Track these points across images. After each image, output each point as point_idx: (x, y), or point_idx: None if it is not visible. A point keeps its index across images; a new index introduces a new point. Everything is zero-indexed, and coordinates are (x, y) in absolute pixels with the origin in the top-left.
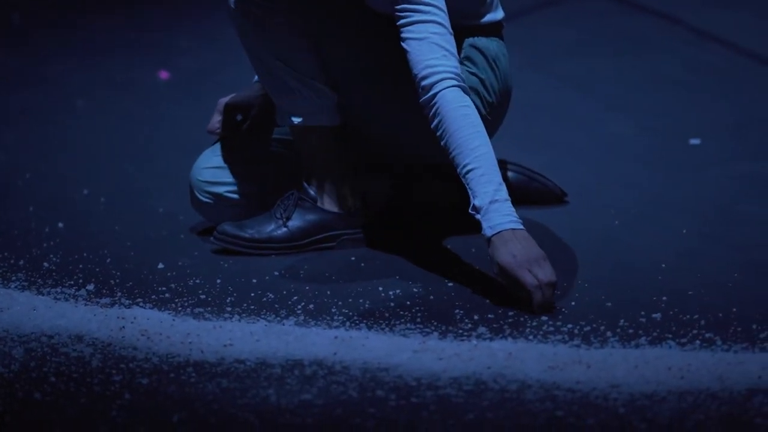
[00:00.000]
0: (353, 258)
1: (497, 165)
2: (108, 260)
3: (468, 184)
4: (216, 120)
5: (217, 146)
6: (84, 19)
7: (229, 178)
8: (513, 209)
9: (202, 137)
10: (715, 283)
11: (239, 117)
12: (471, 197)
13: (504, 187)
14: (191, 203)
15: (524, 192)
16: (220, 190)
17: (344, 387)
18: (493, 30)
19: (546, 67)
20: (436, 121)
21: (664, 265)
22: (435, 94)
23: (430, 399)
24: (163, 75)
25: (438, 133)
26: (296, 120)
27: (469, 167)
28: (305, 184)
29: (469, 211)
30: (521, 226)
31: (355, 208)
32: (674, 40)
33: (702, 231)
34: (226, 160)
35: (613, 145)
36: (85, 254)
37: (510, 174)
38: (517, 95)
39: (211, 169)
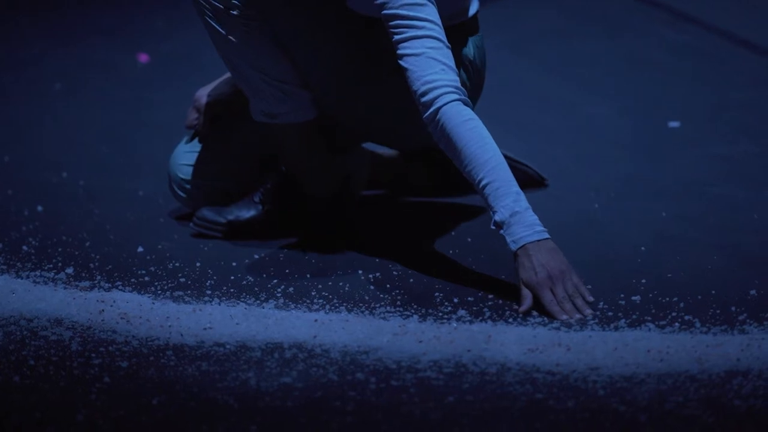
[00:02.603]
0: (333, 241)
1: (512, 174)
2: (87, 243)
3: (486, 200)
4: (193, 117)
5: (195, 141)
6: (62, 2)
7: (209, 175)
8: (535, 217)
9: (181, 121)
10: (694, 265)
11: (218, 111)
12: (491, 213)
13: (522, 196)
14: (171, 193)
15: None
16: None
17: (324, 370)
18: (473, 24)
19: (526, 50)
20: (442, 137)
21: (643, 248)
22: (437, 110)
23: (410, 382)
24: (142, 58)
25: (447, 150)
26: (271, 119)
27: (484, 182)
28: (284, 169)
29: (491, 227)
30: (546, 235)
31: (336, 192)
32: (653, 22)
33: (681, 214)
34: (205, 158)
35: (592, 128)
36: (64, 238)
37: None
38: (496, 78)
39: (190, 167)
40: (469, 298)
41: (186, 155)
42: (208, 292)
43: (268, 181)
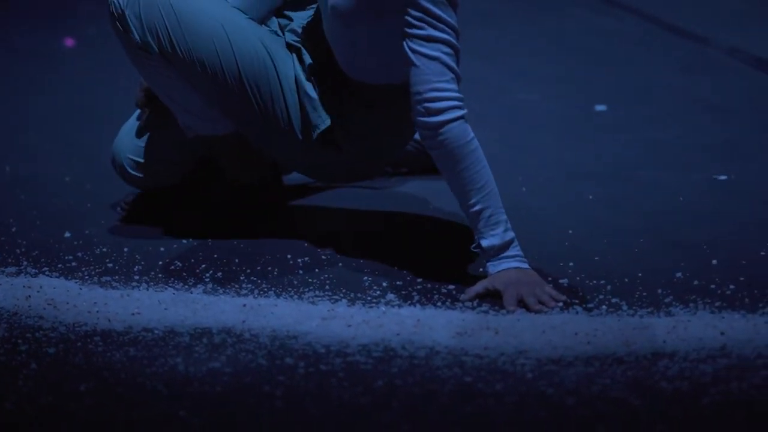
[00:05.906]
0: (262, 226)
1: (501, 201)
2: (14, 229)
3: (475, 223)
4: (141, 95)
5: (139, 133)
6: None
7: (151, 156)
8: (519, 249)
9: (108, 105)
10: (621, 248)
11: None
12: (477, 235)
13: (510, 226)
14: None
15: (429, 163)
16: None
17: (253, 355)
18: None
19: None
20: (440, 150)
21: (570, 232)
22: (443, 123)
23: (338, 366)
24: (68, 42)
25: (442, 164)
26: (189, 131)
27: (477, 207)
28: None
29: (473, 248)
30: (527, 266)
31: (265, 178)
32: (581, 7)
33: (608, 197)
34: (151, 154)
35: (519, 112)
36: None
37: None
38: None
39: (135, 160)
40: (398, 282)
41: (134, 148)
42: (136, 277)
43: (203, 168)
